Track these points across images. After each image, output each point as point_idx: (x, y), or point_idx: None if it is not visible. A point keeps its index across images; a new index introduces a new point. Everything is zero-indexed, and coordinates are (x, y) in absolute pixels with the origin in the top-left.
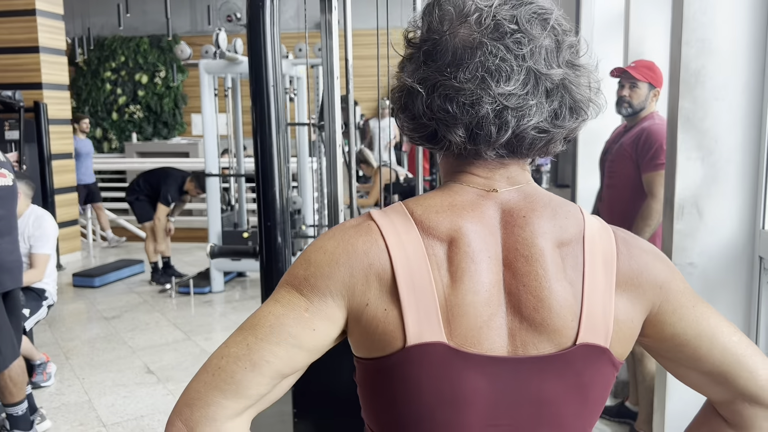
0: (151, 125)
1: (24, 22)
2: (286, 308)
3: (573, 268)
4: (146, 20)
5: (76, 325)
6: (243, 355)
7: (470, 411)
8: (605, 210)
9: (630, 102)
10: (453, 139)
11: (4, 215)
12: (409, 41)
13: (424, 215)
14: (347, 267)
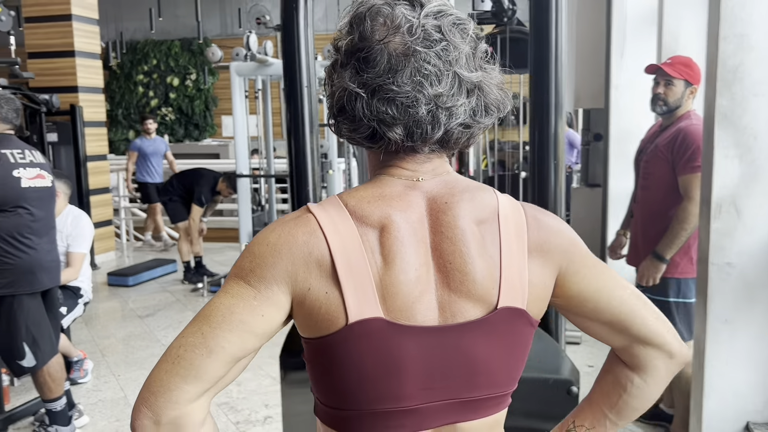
0: (183, 127)
1: (60, 27)
2: (235, 298)
3: (491, 243)
4: (177, 24)
5: (111, 323)
6: (199, 343)
7: (407, 377)
8: (639, 212)
9: (665, 100)
10: (393, 138)
11: (43, 216)
12: (339, 48)
13: (357, 206)
14: (289, 256)
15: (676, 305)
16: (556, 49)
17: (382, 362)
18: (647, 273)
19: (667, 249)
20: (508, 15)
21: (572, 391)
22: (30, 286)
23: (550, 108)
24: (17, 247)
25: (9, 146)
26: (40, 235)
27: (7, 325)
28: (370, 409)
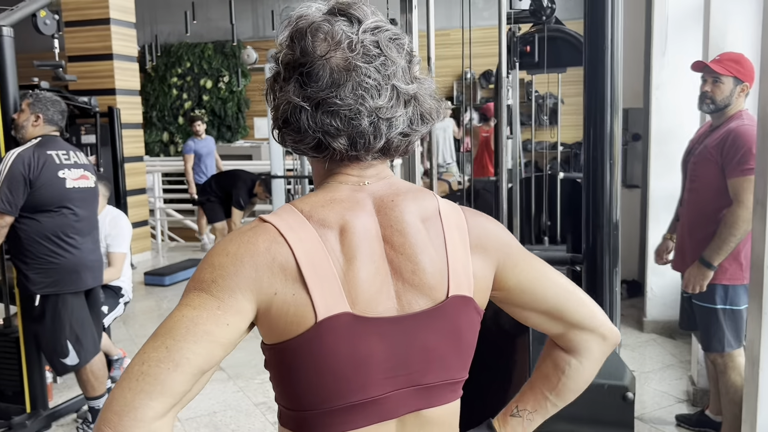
0: (216, 129)
1: (99, 30)
2: (198, 309)
3: (436, 237)
4: (210, 27)
5: (148, 322)
6: (164, 357)
7: (373, 366)
8: (686, 215)
9: (712, 98)
10: (338, 148)
11: (87, 215)
12: (280, 62)
13: (312, 211)
14: (251, 264)
15: (723, 312)
16: (612, 46)
17: (351, 355)
18: (693, 280)
19: (715, 255)
20: (546, 13)
21: (628, 397)
22: (74, 285)
23: (605, 106)
24: (62, 247)
25: (54, 147)
26: (84, 234)
27: (51, 323)
28: (339, 404)
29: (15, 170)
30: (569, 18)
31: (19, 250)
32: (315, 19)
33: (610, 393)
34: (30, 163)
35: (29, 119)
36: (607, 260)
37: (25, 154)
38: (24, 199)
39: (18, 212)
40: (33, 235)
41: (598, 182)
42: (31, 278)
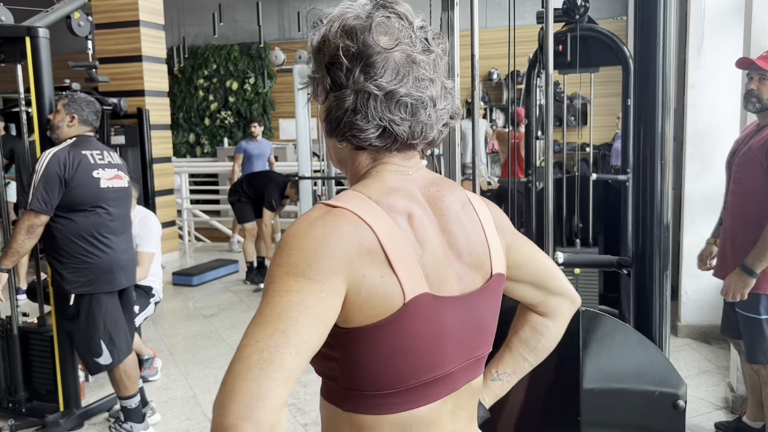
0: (241, 130)
1: (128, 32)
2: (302, 294)
3: (475, 221)
4: (236, 29)
5: (177, 322)
6: (283, 343)
7: (447, 344)
8: (729, 220)
9: (759, 96)
10: (401, 135)
11: (121, 215)
12: (342, 54)
13: (380, 198)
14: (341, 247)
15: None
16: (664, 43)
17: (430, 334)
18: (734, 287)
19: (758, 262)
20: (579, 12)
21: (679, 405)
22: (108, 284)
23: (656, 105)
24: (97, 246)
25: (89, 147)
26: (118, 234)
27: (85, 323)
28: (417, 382)
29: (51, 170)
30: (602, 17)
31: (55, 249)
32: (371, 14)
33: (660, 401)
34: (65, 162)
35: (65, 120)
36: (658, 263)
37: (61, 153)
38: (59, 199)
39: (53, 212)
40: (68, 235)
41: (647, 183)
42: (66, 277)
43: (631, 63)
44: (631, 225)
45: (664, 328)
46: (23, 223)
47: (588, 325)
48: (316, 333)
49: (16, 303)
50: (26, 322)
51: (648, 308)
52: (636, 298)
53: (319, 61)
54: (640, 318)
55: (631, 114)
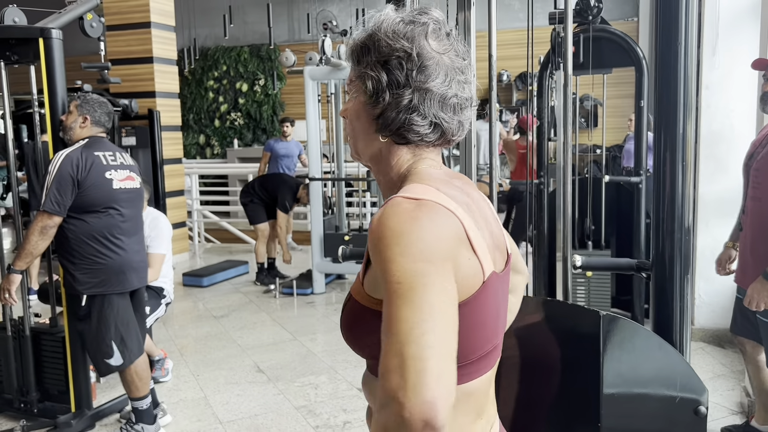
0: (251, 132)
1: (140, 34)
2: (433, 277)
3: (491, 208)
4: (247, 30)
5: (188, 323)
6: (442, 322)
7: (499, 316)
8: (749, 225)
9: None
10: (447, 133)
11: (133, 216)
12: (397, 56)
13: (444, 189)
14: (446, 234)
15: None
16: (686, 43)
17: (494, 308)
18: (758, 296)
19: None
20: (593, 13)
21: (700, 411)
22: (120, 285)
23: (678, 106)
24: (108, 247)
25: (101, 149)
26: (130, 235)
27: (96, 324)
28: (483, 353)
29: (64, 171)
30: (614, 18)
31: (67, 250)
32: (420, 20)
33: (681, 406)
34: (78, 164)
35: (77, 121)
36: (679, 267)
37: (74, 155)
38: (72, 200)
39: (66, 213)
40: (80, 236)
41: (668, 185)
42: (77, 278)
43: (644, 64)
44: (643, 227)
45: (684, 332)
46: (36, 224)
47: (608, 330)
48: (454, 312)
49: (28, 304)
50: (38, 322)
51: (668, 312)
52: (656, 302)
53: (369, 61)
54: (660, 322)
55: (644, 115)
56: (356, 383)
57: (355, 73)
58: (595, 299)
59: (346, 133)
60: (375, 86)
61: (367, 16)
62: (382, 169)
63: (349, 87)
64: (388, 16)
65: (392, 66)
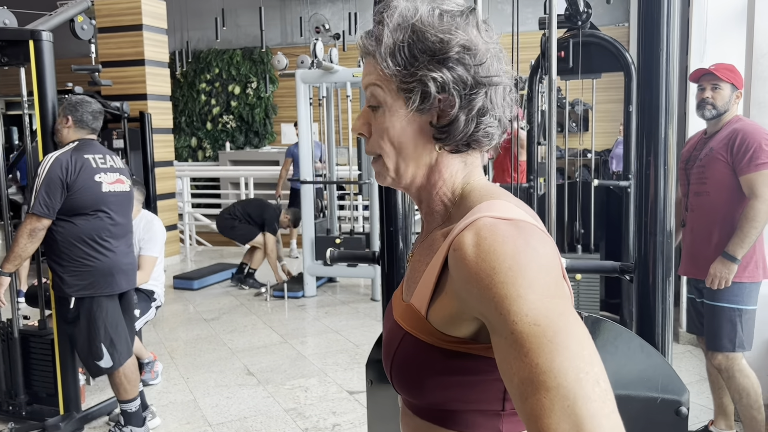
0: (243, 134)
1: (131, 36)
2: (571, 313)
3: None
4: (239, 33)
5: (178, 326)
6: (600, 367)
7: None
8: (697, 219)
9: (713, 104)
10: (504, 129)
11: (122, 220)
12: (457, 51)
13: (520, 206)
14: (558, 263)
15: (739, 312)
16: (667, 49)
17: None
18: (720, 274)
19: (739, 248)
20: (582, 18)
21: (681, 412)
22: (109, 288)
23: (660, 111)
24: (97, 250)
25: (91, 151)
26: (119, 238)
27: (86, 326)
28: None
29: (53, 174)
30: (604, 24)
31: (55, 252)
32: (457, 9)
33: (663, 407)
34: (68, 166)
35: (61, 122)
36: (661, 270)
37: (63, 157)
38: (61, 203)
39: (55, 215)
40: (69, 238)
41: (650, 189)
42: (66, 281)
43: (633, 69)
44: (632, 231)
45: (666, 335)
46: (25, 227)
47: (591, 331)
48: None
49: (17, 306)
50: (27, 325)
51: (650, 314)
52: (638, 305)
53: (421, 61)
54: (642, 324)
55: (633, 120)
56: (346, 386)
57: (396, 79)
58: (584, 302)
59: (372, 151)
60: (438, 89)
61: (381, 9)
62: (429, 187)
63: (374, 98)
64: (418, 7)
65: (453, 63)
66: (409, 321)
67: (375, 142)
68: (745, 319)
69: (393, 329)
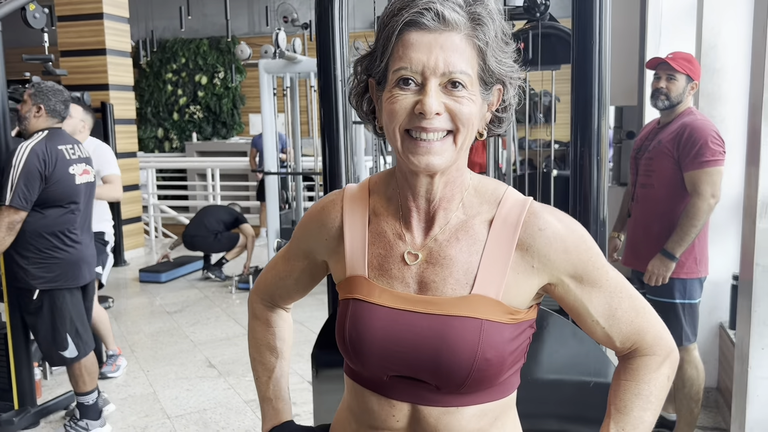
0: (211, 125)
1: (92, 25)
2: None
3: None
4: (206, 23)
5: (140, 319)
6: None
7: None
8: (641, 211)
9: (667, 94)
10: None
11: (86, 209)
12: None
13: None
14: None
15: (682, 306)
16: (600, 42)
17: None
18: (657, 271)
19: (677, 246)
20: (540, 10)
21: None
22: (75, 280)
23: (593, 104)
24: (66, 243)
25: (61, 141)
26: (84, 230)
27: (51, 317)
28: None
29: (31, 165)
30: (564, 15)
31: (21, 244)
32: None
33: (596, 391)
34: (45, 158)
35: (31, 110)
36: None
37: (38, 148)
38: (38, 195)
39: (30, 208)
40: (39, 230)
41: (585, 179)
42: (31, 272)
43: None
44: None
45: None
46: (3, 219)
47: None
48: None
49: None
50: None
51: None
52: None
53: (507, 52)
54: None
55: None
56: (306, 376)
57: (493, 71)
58: None
59: (443, 128)
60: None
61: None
62: (457, 174)
63: (467, 88)
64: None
65: (511, 52)
66: (481, 309)
67: (445, 119)
68: (688, 312)
69: (448, 325)
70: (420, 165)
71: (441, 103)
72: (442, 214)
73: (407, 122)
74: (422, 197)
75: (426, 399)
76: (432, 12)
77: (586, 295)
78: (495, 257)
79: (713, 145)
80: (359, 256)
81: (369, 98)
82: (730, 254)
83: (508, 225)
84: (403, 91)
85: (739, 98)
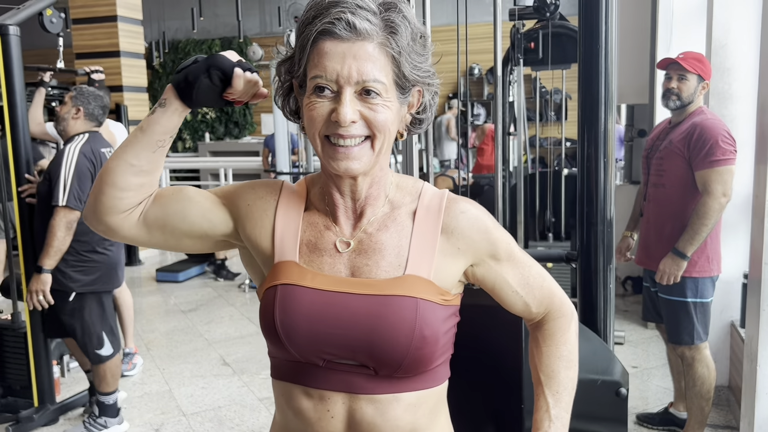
0: (223, 125)
1: (106, 28)
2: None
3: None
4: (218, 23)
5: (155, 318)
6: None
7: None
8: (653, 210)
9: (678, 94)
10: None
11: None
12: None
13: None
14: None
15: (694, 305)
16: (606, 42)
17: None
18: (669, 271)
19: (689, 246)
20: (550, 10)
21: (621, 393)
22: (111, 284)
23: (599, 103)
24: (105, 246)
25: (103, 145)
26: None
27: (90, 318)
28: None
29: (82, 166)
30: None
31: None
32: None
33: (603, 389)
34: (92, 159)
35: (70, 112)
36: (602, 257)
37: (86, 149)
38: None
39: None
40: (79, 233)
41: (592, 179)
42: (70, 275)
43: None
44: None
45: (608, 320)
46: (60, 220)
47: None
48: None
49: None
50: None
51: (592, 301)
52: (581, 291)
53: (424, 56)
54: (585, 310)
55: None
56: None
57: (408, 78)
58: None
59: (359, 134)
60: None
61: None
62: (381, 173)
63: (381, 96)
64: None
65: (429, 55)
66: (415, 288)
67: (362, 126)
68: (700, 311)
69: (385, 304)
70: (339, 169)
71: (356, 111)
72: (370, 210)
73: (325, 129)
74: (348, 196)
75: (361, 387)
76: (343, 22)
77: (504, 270)
78: (423, 241)
79: (724, 144)
80: (291, 242)
81: (295, 97)
82: (742, 253)
83: (431, 212)
84: (320, 99)
85: (749, 97)
